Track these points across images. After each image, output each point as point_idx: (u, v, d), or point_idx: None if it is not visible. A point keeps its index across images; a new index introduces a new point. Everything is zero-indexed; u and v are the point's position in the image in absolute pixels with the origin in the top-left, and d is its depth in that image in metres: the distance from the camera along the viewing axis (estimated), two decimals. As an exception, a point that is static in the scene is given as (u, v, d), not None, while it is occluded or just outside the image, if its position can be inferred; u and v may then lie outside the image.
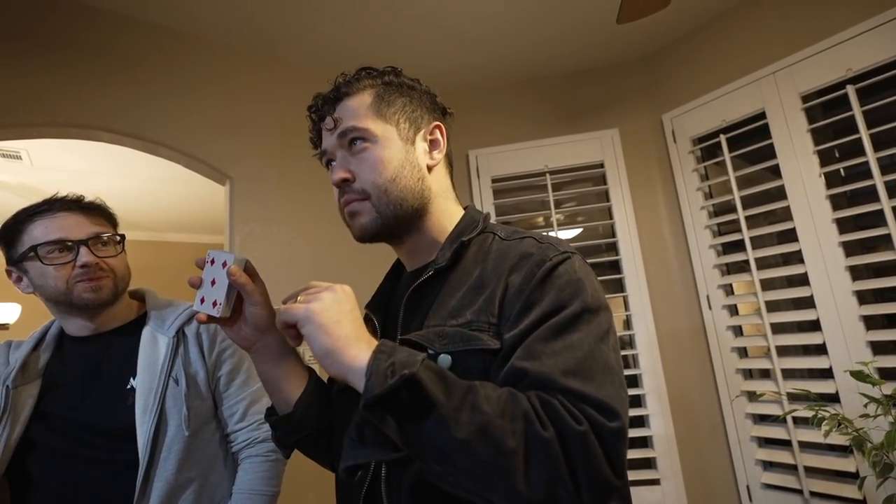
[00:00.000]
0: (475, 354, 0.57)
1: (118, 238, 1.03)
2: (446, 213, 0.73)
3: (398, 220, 0.69)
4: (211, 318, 0.69)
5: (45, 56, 1.51)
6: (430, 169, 0.72)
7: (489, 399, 0.51)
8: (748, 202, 1.82)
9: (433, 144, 0.74)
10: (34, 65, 1.49)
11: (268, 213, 1.86)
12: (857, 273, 1.55)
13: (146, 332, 1.01)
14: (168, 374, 0.98)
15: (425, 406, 0.49)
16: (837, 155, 1.67)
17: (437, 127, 0.74)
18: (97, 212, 1.02)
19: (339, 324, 0.55)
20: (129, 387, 0.96)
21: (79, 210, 0.99)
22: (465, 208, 0.76)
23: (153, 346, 1.00)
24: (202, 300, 0.70)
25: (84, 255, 0.94)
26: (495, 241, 0.69)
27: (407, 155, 0.70)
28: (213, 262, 0.70)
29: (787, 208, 1.70)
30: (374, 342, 0.55)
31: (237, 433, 1.05)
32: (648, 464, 1.94)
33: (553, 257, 0.61)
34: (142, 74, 1.68)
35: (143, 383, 0.96)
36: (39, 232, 0.94)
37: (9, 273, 0.99)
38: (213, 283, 0.69)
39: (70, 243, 0.94)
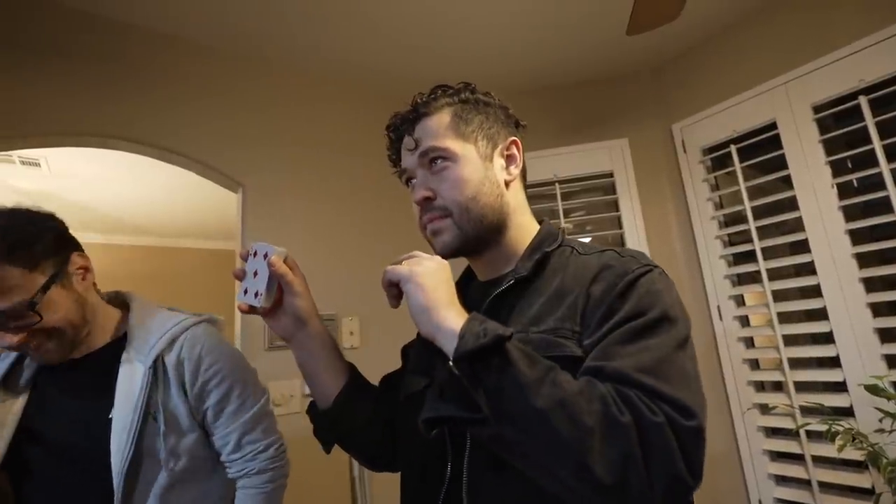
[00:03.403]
0: (560, 361, 0.57)
1: (30, 304, 0.80)
2: (523, 228, 0.75)
3: (479, 237, 0.71)
4: (252, 309, 0.72)
5: (64, 67, 1.55)
6: (507, 184, 0.74)
7: (569, 381, 0.53)
8: (759, 213, 1.81)
9: (510, 160, 0.75)
10: (54, 76, 1.53)
11: (279, 221, 1.87)
12: (871, 285, 1.53)
13: (125, 360, 0.91)
14: (144, 409, 0.88)
15: (508, 372, 0.51)
16: (850, 166, 1.65)
17: (514, 142, 0.76)
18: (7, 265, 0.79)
19: (437, 289, 0.59)
20: (110, 416, 0.88)
21: None
22: (540, 222, 0.78)
23: (130, 377, 0.90)
24: (245, 291, 0.72)
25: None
26: (573, 254, 0.70)
27: (486, 172, 0.71)
28: (255, 253, 0.72)
29: (799, 219, 1.68)
30: (465, 312, 0.58)
31: (232, 464, 0.99)
32: (658, 476, 1.91)
33: (635, 269, 0.63)
34: (158, 84, 1.71)
35: (119, 419, 0.87)
36: None
37: None
38: (255, 274, 0.72)
39: None
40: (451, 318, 0.56)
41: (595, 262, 0.66)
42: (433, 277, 0.59)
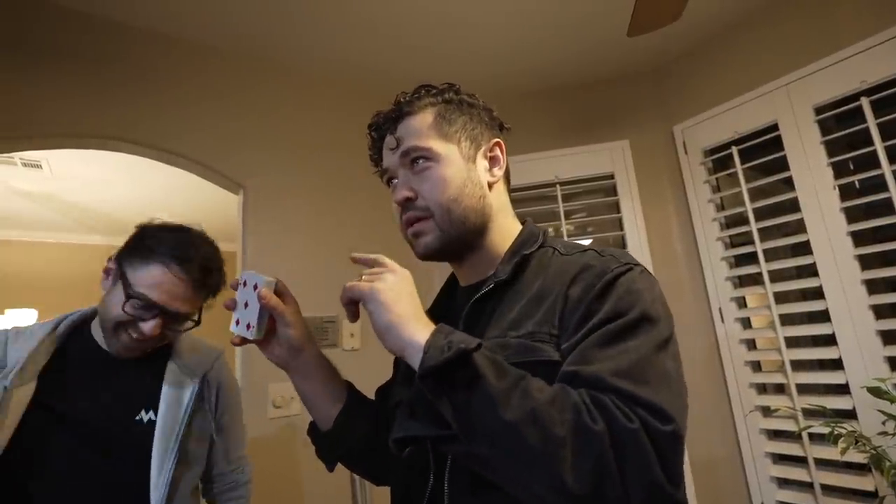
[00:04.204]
0: (539, 366, 0.56)
1: (196, 320, 0.97)
2: (505, 229, 0.74)
3: (461, 239, 0.69)
4: (245, 341, 0.71)
5: (66, 69, 1.55)
6: (490, 186, 0.73)
7: (541, 389, 0.51)
8: (761, 214, 1.81)
9: (493, 161, 0.74)
10: (56, 78, 1.53)
11: (281, 222, 1.87)
12: (873, 287, 1.53)
13: (172, 370, 0.99)
14: (189, 418, 0.98)
15: (477, 385, 0.50)
16: (852, 167, 1.65)
17: (497, 144, 0.75)
18: (210, 291, 0.97)
19: (399, 303, 0.57)
20: (138, 418, 0.94)
21: (200, 287, 0.94)
22: (522, 223, 0.77)
23: (178, 387, 0.98)
24: (237, 322, 0.71)
25: (149, 327, 0.90)
26: (555, 255, 0.68)
27: (469, 173, 0.70)
28: (245, 283, 0.71)
29: (801, 220, 1.68)
30: (432, 324, 0.57)
31: (224, 475, 1.10)
32: (660, 479, 1.90)
33: (614, 269, 0.61)
34: (160, 86, 1.71)
35: (164, 424, 0.94)
36: (154, 279, 0.89)
37: (109, 261, 0.97)
38: (246, 305, 0.70)
39: (158, 310, 0.90)
40: (418, 332, 0.54)
41: (575, 263, 0.64)
42: (394, 291, 0.58)
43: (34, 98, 1.49)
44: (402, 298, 0.58)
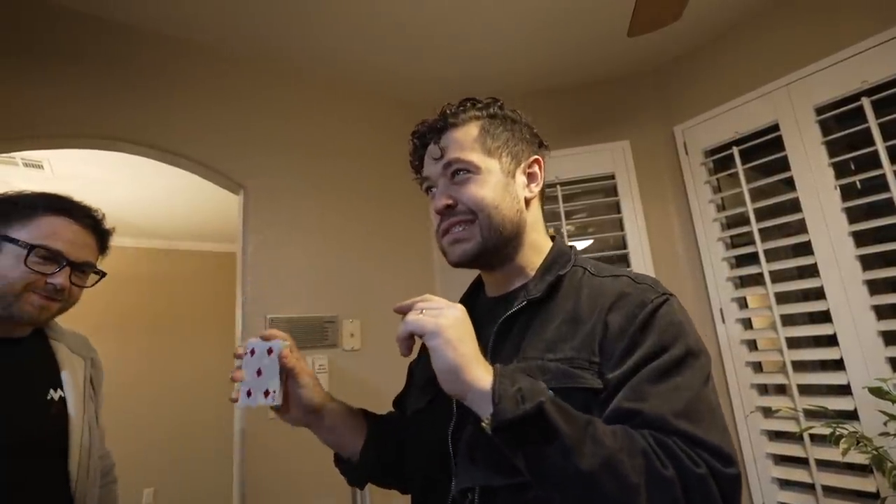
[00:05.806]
0: (578, 392, 0.57)
1: (100, 274, 1.00)
2: (536, 244, 0.75)
3: (496, 248, 0.70)
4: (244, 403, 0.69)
5: (69, 70, 1.55)
6: (527, 202, 0.74)
7: (606, 433, 0.51)
8: (762, 214, 1.80)
9: (531, 177, 0.75)
10: (62, 79, 1.53)
11: (281, 223, 1.87)
12: (875, 287, 1.52)
13: (60, 348, 0.98)
14: (88, 393, 0.99)
15: (549, 434, 0.50)
16: (853, 167, 1.64)
17: (536, 161, 0.76)
18: (104, 240, 1.01)
19: (463, 342, 0.55)
20: (49, 398, 0.92)
21: (93, 232, 0.97)
22: (551, 239, 0.77)
23: (71, 364, 0.98)
24: (248, 393, 0.68)
25: (59, 280, 0.88)
26: (586, 275, 0.69)
27: (507, 188, 0.71)
28: (252, 352, 0.69)
29: (802, 221, 1.67)
30: (490, 366, 0.56)
31: (103, 457, 1.09)
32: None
33: (654, 300, 0.62)
34: (163, 87, 1.72)
35: (73, 403, 0.94)
36: (47, 230, 0.88)
37: None
38: (259, 372, 0.69)
39: (64, 260, 0.89)
40: (482, 376, 0.54)
41: (610, 288, 0.65)
42: (459, 329, 0.56)
43: (40, 99, 1.49)
44: (466, 337, 0.56)
